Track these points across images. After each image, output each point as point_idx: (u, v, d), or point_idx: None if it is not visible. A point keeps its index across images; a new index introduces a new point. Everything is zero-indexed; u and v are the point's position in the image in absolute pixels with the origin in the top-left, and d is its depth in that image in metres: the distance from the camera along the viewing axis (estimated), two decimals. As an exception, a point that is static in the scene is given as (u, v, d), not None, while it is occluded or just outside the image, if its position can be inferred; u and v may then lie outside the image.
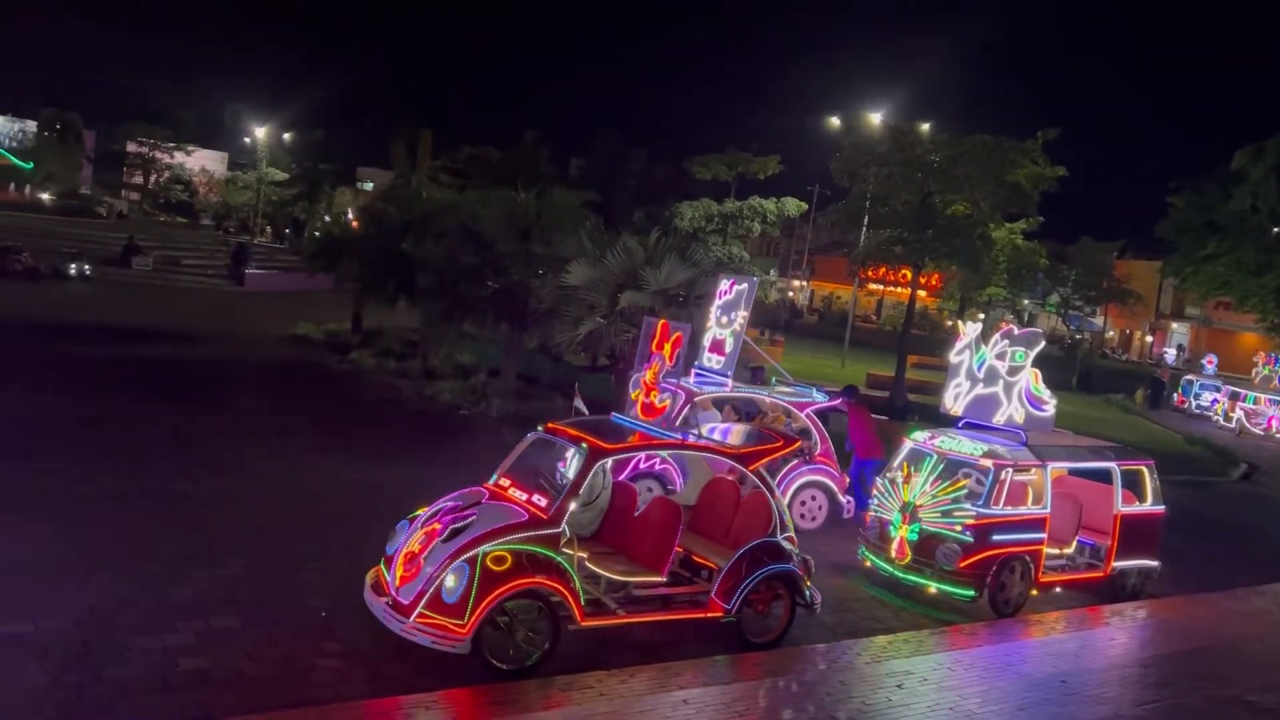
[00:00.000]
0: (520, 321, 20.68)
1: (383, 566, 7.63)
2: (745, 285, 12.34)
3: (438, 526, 7.51)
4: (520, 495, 7.87)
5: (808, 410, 12.68)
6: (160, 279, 40.66)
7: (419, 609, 6.95)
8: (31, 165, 58.59)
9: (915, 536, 10.18)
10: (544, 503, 7.63)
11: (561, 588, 7.23)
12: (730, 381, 12.46)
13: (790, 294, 78.33)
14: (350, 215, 64.31)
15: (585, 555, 7.79)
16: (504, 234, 20.65)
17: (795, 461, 12.07)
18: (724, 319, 12.71)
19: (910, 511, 10.28)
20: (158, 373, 19.80)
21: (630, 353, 17.03)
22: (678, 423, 11.74)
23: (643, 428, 8.62)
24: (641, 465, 11.44)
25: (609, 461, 8.24)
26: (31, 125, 65.49)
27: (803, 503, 12.34)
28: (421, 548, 7.35)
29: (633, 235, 19.58)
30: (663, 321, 8.83)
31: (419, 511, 8.02)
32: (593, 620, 7.47)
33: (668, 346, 8.61)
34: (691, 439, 8.59)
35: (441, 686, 6.72)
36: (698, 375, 12.65)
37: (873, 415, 14.21)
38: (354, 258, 26.28)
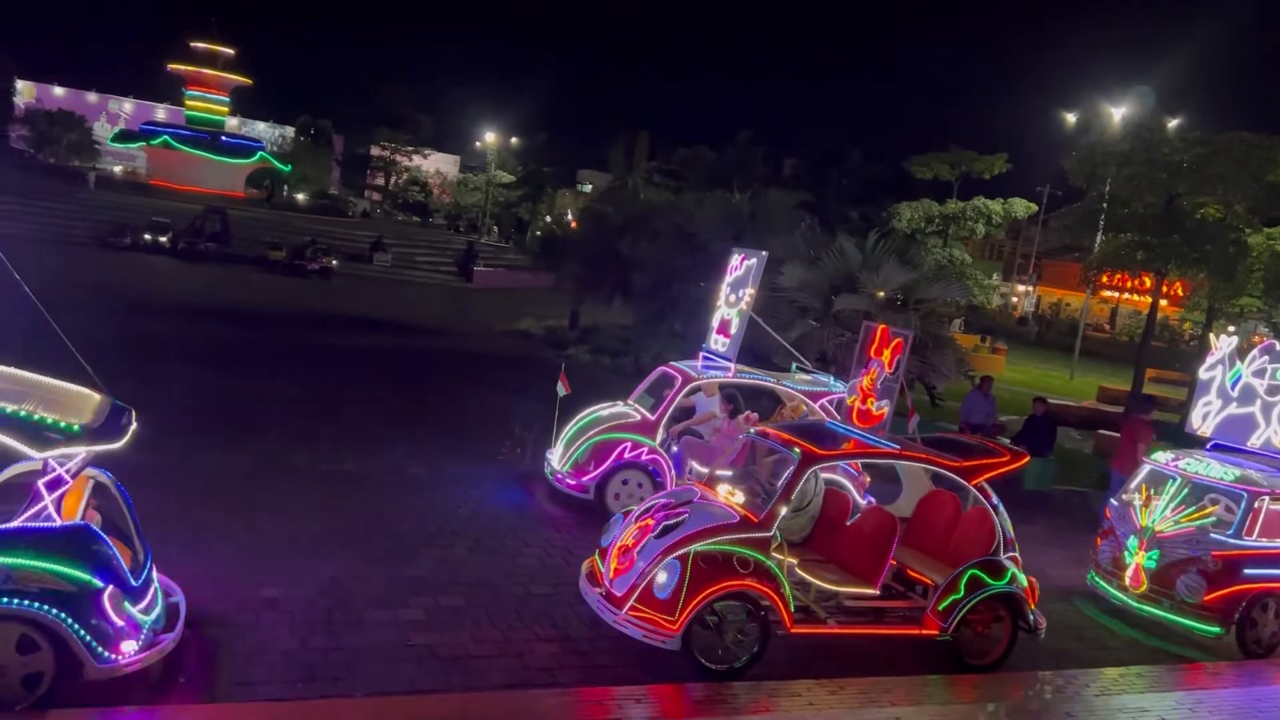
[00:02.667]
0: (731, 322, 20.70)
1: (597, 557, 7.85)
2: (754, 260, 11.65)
3: (651, 522, 7.65)
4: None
5: (822, 401, 11.73)
6: (397, 274, 43.50)
7: (631, 602, 7.10)
8: (289, 168, 64.18)
9: (1153, 564, 9.48)
10: (756, 505, 7.61)
11: (771, 592, 7.19)
12: (733, 366, 11.66)
13: (1015, 300, 74.52)
14: (570, 216, 66.80)
15: (795, 561, 7.73)
16: (718, 235, 20.76)
17: None
18: (732, 297, 12.01)
19: (1149, 537, 9.57)
20: (395, 361, 21.22)
21: (840, 357, 16.73)
22: (671, 410, 11.13)
23: (857, 434, 8.43)
24: (627, 455, 10.82)
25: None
26: (289, 131, 71.77)
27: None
28: (635, 542, 7.50)
29: (849, 237, 19.22)
30: (882, 326, 8.56)
31: (632, 506, 8.21)
32: (802, 628, 7.39)
33: (887, 353, 8.33)
34: (911, 449, 8.32)
35: (651, 680, 6.84)
36: (705, 359, 12.07)
37: (1150, 434, 12.93)
38: (573, 257, 27.21)
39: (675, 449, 11.16)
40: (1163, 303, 27.57)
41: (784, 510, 7.55)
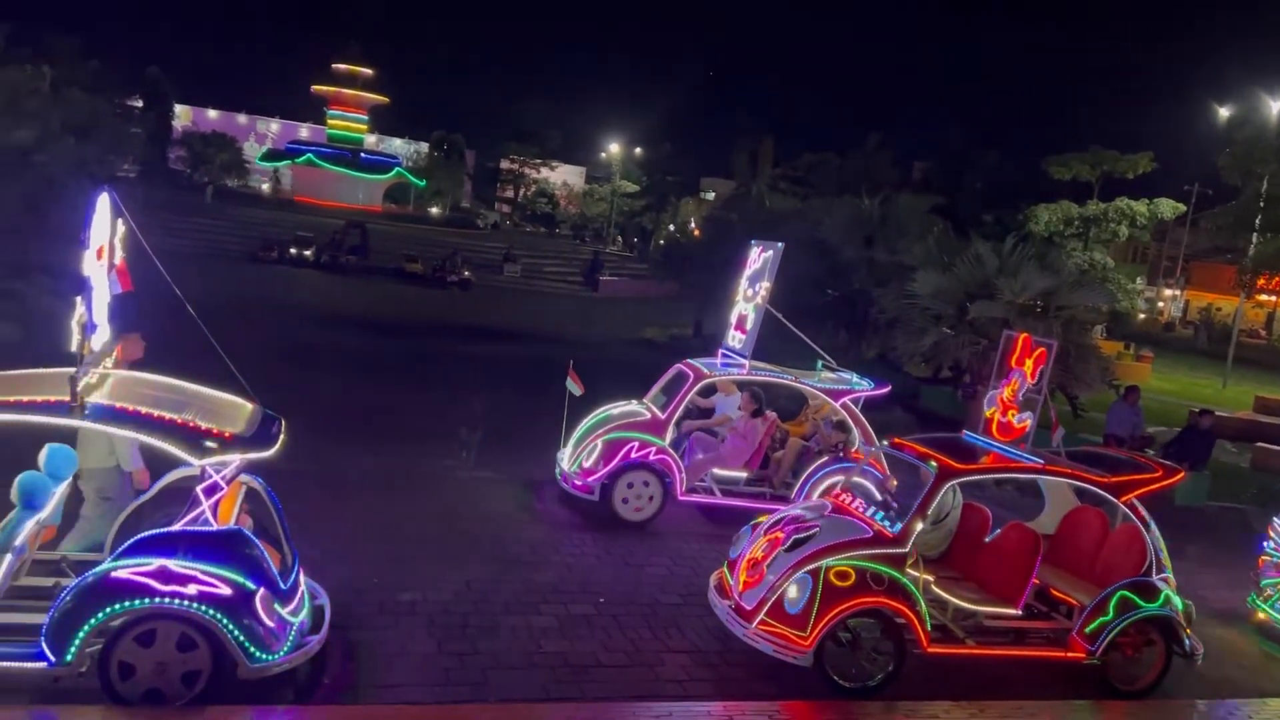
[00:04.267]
0: (859, 330, 20.35)
1: (726, 570, 7.79)
2: (772, 253, 11.18)
3: (780, 535, 7.54)
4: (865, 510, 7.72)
5: (844, 400, 11.14)
6: (526, 284, 44.42)
7: (761, 616, 7.01)
8: (425, 182, 66.41)
9: (1324, 590, 8.82)
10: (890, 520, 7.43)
11: (906, 610, 6.99)
12: (747, 363, 11.10)
13: (1161, 304, 70.81)
14: (693, 224, 66.90)
15: (931, 579, 7.50)
16: (846, 241, 20.45)
17: (826, 458, 10.77)
18: (749, 291, 11.52)
19: (1319, 560, 8.92)
20: (527, 369, 21.62)
21: (975, 366, 16.20)
22: (680, 410, 10.75)
23: (997, 448, 8.13)
24: (634, 455, 10.39)
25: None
26: (424, 147, 74.27)
27: None
28: (764, 555, 7.41)
29: (984, 241, 18.62)
30: (1024, 335, 8.23)
31: (761, 519, 8.12)
32: (939, 648, 7.16)
33: (1029, 363, 8.01)
34: (1056, 463, 7.96)
35: (782, 696, 6.74)
36: (724, 357, 11.59)
37: None
38: (697, 266, 27.26)
39: (686, 446, 11.01)
40: (1329, 307, 25.78)
41: (920, 525, 7.34)
